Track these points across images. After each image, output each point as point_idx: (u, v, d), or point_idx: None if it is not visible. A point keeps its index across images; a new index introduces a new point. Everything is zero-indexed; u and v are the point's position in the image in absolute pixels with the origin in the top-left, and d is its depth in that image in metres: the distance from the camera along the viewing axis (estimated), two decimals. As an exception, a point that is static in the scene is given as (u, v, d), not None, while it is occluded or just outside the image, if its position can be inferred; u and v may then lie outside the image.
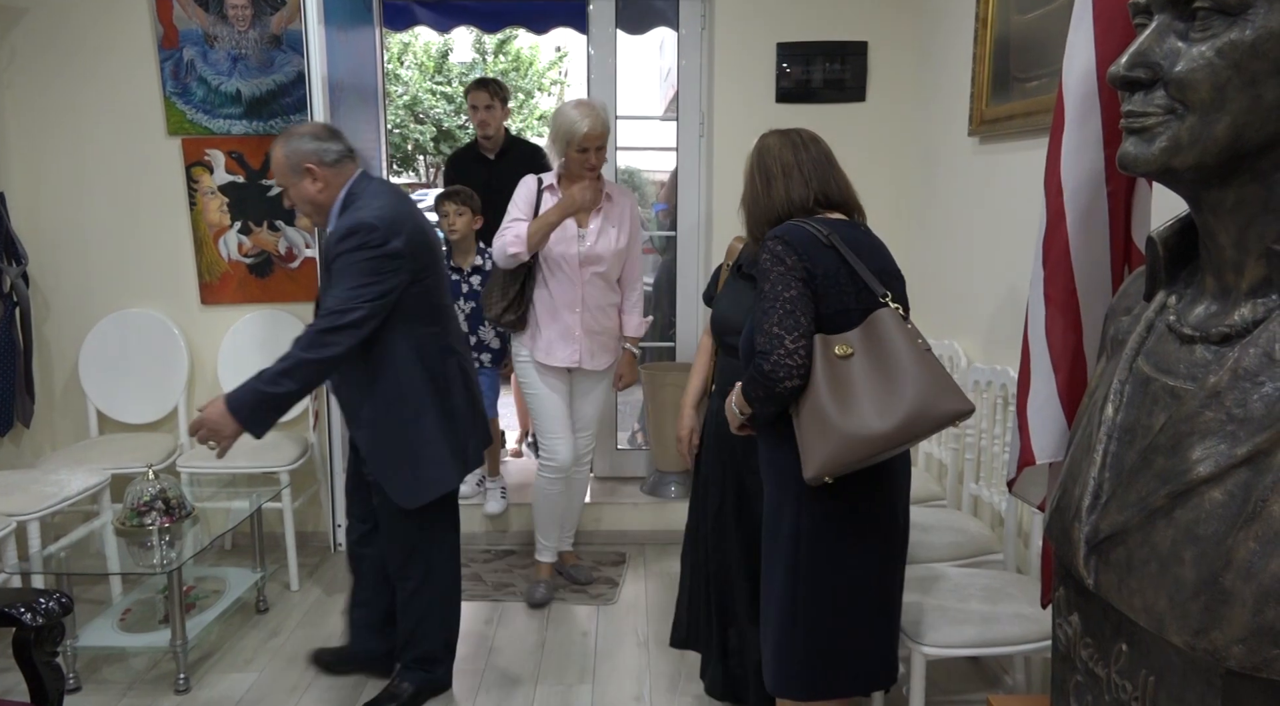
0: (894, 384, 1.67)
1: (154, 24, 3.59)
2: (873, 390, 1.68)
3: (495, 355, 3.74)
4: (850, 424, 1.66)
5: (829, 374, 1.70)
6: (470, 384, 2.59)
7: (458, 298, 3.61)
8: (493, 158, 4.06)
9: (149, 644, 2.78)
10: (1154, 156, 0.92)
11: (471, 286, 3.67)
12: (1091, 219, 1.58)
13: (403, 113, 15.08)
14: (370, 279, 2.27)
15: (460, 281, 3.64)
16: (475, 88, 4.04)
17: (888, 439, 1.66)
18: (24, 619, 1.82)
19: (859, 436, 1.66)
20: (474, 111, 4.02)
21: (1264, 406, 0.85)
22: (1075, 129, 1.56)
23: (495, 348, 3.72)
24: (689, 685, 2.73)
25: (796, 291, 1.74)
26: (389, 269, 2.29)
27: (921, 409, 1.65)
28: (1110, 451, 1.01)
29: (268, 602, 3.23)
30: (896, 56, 3.60)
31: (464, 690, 2.74)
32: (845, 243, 1.81)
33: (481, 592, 3.36)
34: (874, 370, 1.70)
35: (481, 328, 3.66)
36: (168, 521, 2.74)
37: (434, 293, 2.46)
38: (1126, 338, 1.06)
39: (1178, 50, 0.89)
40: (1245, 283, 0.93)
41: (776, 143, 1.99)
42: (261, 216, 3.75)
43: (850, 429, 1.66)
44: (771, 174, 1.96)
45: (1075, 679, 1.09)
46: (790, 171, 1.94)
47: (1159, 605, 0.91)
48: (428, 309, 2.44)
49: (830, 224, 1.86)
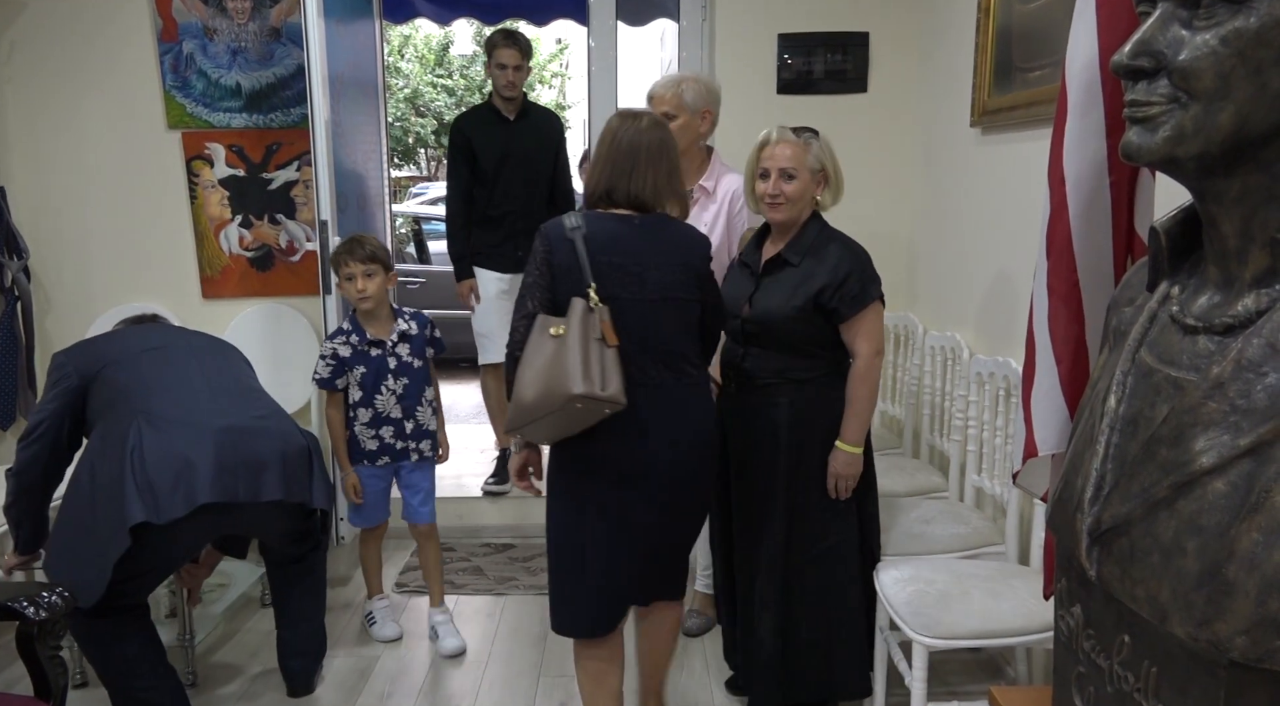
0: (552, 362, 1.94)
1: (153, 17, 3.58)
2: (542, 365, 1.96)
3: (433, 437, 2.97)
4: (516, 392, 1.99)
5: (534, 349, 1.99)
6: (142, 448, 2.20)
7: (384, 377, 2.84)
8: (512, 119, 3.74)
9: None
10: (1157, 146, 0.91)
11: (400, 359, 2.88)
12: (1094, 209, 1.57)
13: (403, 106, 15.04)
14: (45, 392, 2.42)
15: (384, 356, 2.85)
16: (505, 43, 3.63)
17: (528, 409, 1.96)
18: (27, 613, 1.82)
19: (515, 402, 1.99)
20: (501, 70, 3.63)
21: (1267, 397, 0.85)
22: (1078, 119, 1.55)
23: (431, 429, 2.97)
24: (689, 677, 2.74)
25: (533, 278, 2.06)
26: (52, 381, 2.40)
27: (549, 386, 1.93)
28: (1113, 443, 1.00)
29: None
30: (898, 47, 3.59)
31: (467, 683, 2.74)
32: (595, 236, 2.03)
33: (485, 586, 3.37)
34: (567, 349, 1.94)
35: (419, 409, 2.90)
36: None
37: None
38: (1129, 328, 1.05)
39: (1181, 39, 0.89)
40: (1249, 273, 0.93)
41: (609, 128, 2.14)
42: (262, 210, 3.75)
43: (515, 395, 2.00)
44: (595, 157, 2.17)
45: (1078, 670, 1.09)
46: (596, 162, 2.14)
47: (1162, 596, 0.90)
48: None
49: (594, 217, 2.09)
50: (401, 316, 2.91)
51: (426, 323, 2.94)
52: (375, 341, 2.83)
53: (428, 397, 2.93)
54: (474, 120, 3.80)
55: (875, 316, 2.28)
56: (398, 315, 2.91)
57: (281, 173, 3.74)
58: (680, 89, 2.74)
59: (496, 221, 3.74)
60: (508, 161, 3.66)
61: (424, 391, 2.92)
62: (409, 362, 2.88)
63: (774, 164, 2.27)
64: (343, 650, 2.92)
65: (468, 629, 3.05)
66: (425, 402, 2.92)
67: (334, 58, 3.37)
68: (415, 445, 2.91)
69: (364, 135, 3.81)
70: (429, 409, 2.94)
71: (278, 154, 3.72)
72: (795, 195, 2.27)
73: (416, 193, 11.71)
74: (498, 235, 3.75)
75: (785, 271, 2.30)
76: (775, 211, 2.30)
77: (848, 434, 2.28)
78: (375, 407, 2.84)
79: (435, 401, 2.98)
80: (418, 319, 2.94)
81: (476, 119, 3.80)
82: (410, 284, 6.39)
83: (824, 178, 2.31)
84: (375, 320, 2.85)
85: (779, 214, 2.29)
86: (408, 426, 2.89)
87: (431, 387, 2.95)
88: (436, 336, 2.95)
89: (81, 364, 2.38)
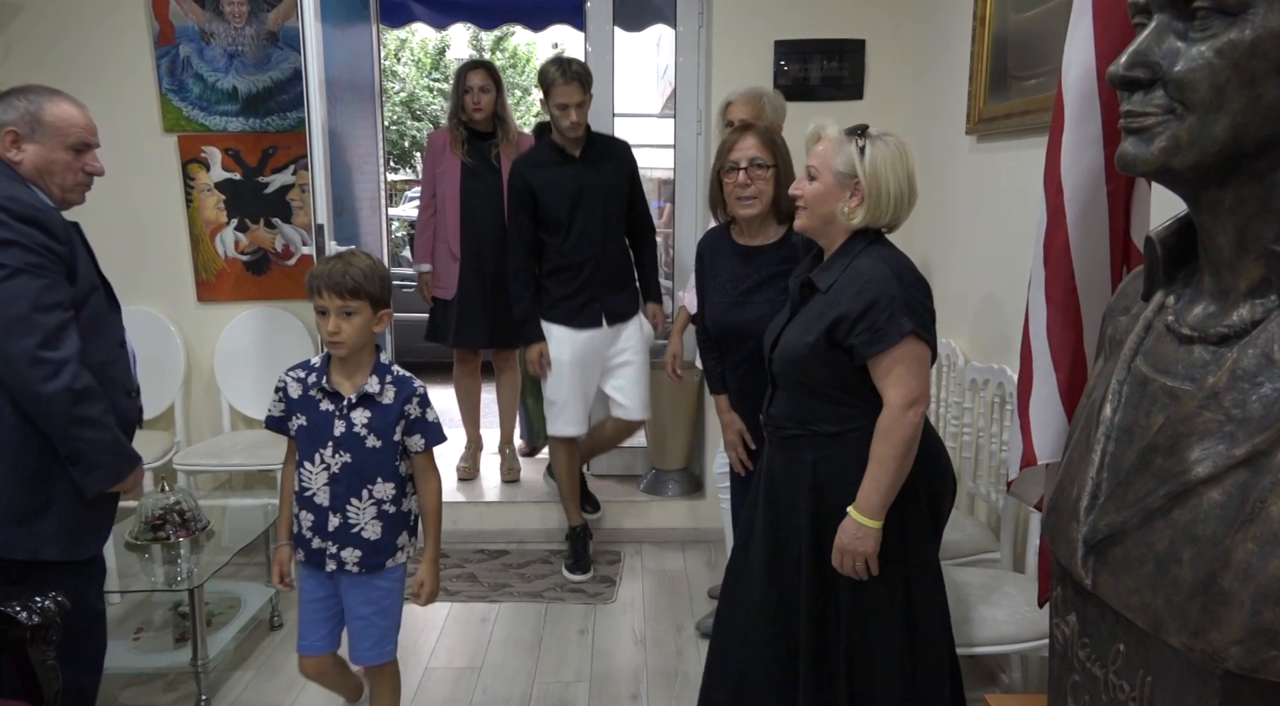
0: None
1: (150, 20, 3.58)
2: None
3: (371, 550, 2.10)
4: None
5: None
6: None
7: (320, 443, 2.07)
8: (578, 156, 3.31)
9: (169, 664, 2.70)
10: (1153, 156, 0.91)
11: (350, 427, 2.07)
12: (1091, 218, 1.58)
13: (399, 110, 15.04)
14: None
15: (333, 415, 2.07)
16: (563, 80, 3.18)
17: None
18: (20, 617, 1.82)
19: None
20: (563, 111, 3.20)
21: (1262, 407, 0.85)
22: (1075, 128, 1.56)
23: (369, 538, 2.09)
24: (685, 684, 2.73)
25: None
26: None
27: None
28: (1108, 452, 1.01)
29: (281, 618, 3.13)
30: (894, 54, 3.60)
31: (462, 689, 2.74)
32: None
33: (478, 593, 3.36)
34: None
35: (353, 506, 2.08)
36: (183, 535, 2.65)
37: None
38: (1125, 337, 1.05)
39: (1177, 50, 0.89)
40: (1244, 283, 0.93)
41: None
42: (258, 213, 3.74)
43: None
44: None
45: (1073, 678, 1.09)
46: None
47: (1157, 605, 0.91)
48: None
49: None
50: (384, 373, 2.10)
51: (412, 394, 2.10)
52: (332, 392, 2.08)
53: (378, 496, 2.08)
54: (533, 163, 3.34)
55: (910, 357, 1.79)
56: (377, 370, 2.10)
57: (278, 176, 3.73)
58: (763, 102, 2.91)
59: (571, 272, 3.30)
60: (581, 203, 3.27)
61: (371, 485, 2.08)
62: (360, 437, 2.06)
63: (808, 161, 1.91)
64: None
65: (461, 636, 3.04)
66: (369, 501, 2.08)
67: (330, 61, 3.37)
68: (336, 551, 2.08)
69: (360, 139, 3.80)
70: (372, 510, 2.08)
71: (274, 157, 3.72)
72: (811, 198, 1.89)
73: (412, 196, 11.70)
74: (571, 286, 3.31)
75: (815, 299, 1.91)
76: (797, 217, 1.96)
77: (861, 499, 1.81)
78: (302, 480, 2.11)
79: (402, 505, 2.14)
80: (401, 385, 2.10)
81: (536, 161, 3.35)
82: (405, 288, 6.38)
83: (858, 187, 1.85)
84: (345, 366, 2.10)
85: (797, 219, 1.95)
86: (330, 521, 2.08)
87: (391, 485, 2.10)
88: (426, 418, 2.12)
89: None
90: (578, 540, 3.52)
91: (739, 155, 2.45)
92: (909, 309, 1.78)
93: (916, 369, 1.81)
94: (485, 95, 3.75)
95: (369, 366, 2.11)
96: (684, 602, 3.29)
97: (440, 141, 3.87)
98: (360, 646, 2.19)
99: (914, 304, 1.80)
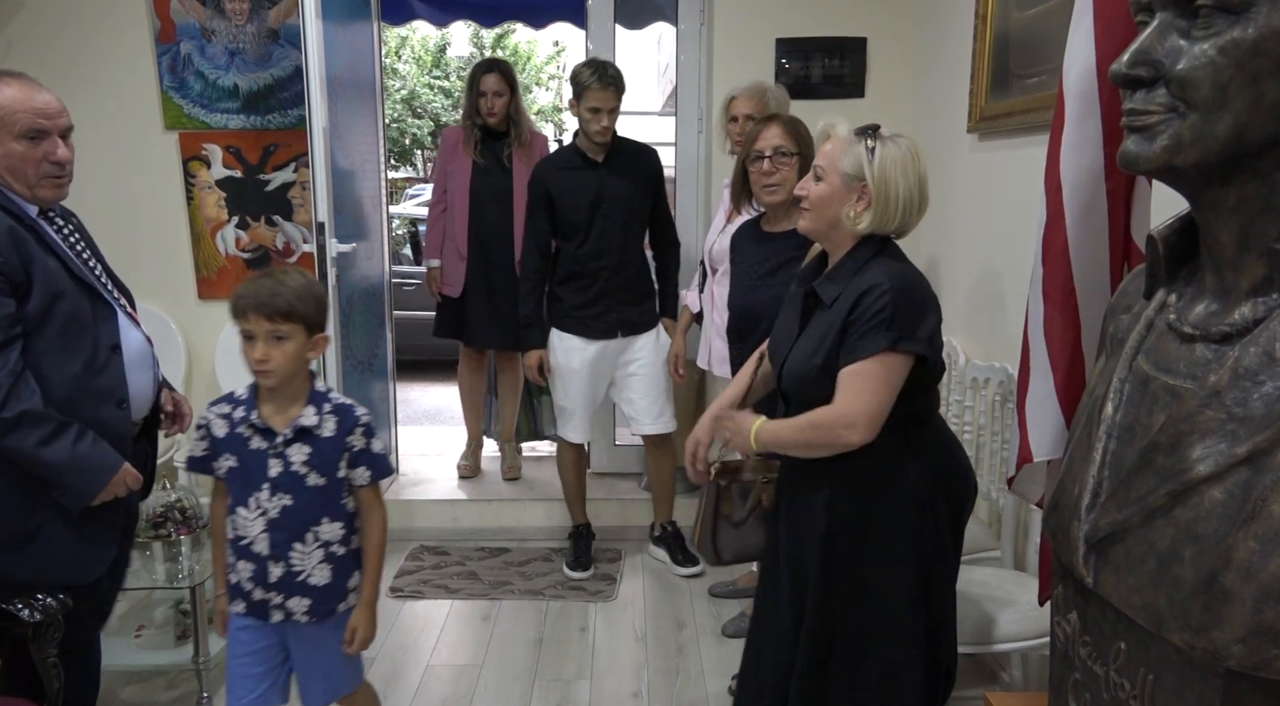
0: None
1: (151, 18, 3.58)
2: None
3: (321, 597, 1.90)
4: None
5: None
6: None
7: (254, 485, 1.85)
8: (601, 161, 3.25)
9: (170, 661, 2.69)
10: (1155, 155, 0.91)
11: (287, 465, 1.85)
12: (1091, 216, 1.58)
13: (400, 107, 15.05)
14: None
15: (265, 453, 1.85)
16: (598, 85, 3.12)
17: None
18: (21, 615, 1.82)
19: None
20: (594, 114, 3.15)
21: (1264, 405, 0.85)
22: (1075, 126, 1.56)
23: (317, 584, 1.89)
24: (686, 681, 2.73)
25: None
26: None
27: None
28: (1109, 450, 1.01)
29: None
30: (896, 52, 3.59)
31: (461, 688, 2.74)
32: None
33: (479, 590, 3.36)
34: None
35: (296, 552, 1.86)
36: (184, 532, 2.64)
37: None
38: (1126, 336, 1.05)
39: (1179, 48, 0.89)
40: (1246, 281, 0.93)
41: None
42: (259, 211, 3.74)
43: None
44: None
45: (1074, 677, 1.09)
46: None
47: (1158, 604, 0.91)
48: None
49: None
50: (320, 402, 1.88)
51: (355, 425, 1.88)
52: (263, 428, 1.85)
53: (325, 538, 1.87)
54: (555, 165, 3.32)
55: (880, 371, 1.68)
56: (313, 400, 1.88)
57: (279, 174, 3.73)
58: (767, 97, 2.92)
59: (586, 279, 3.26)
60: (600, 209, 3.21)
61: (316, 527, 1.86)
62: (300, 476, 1.84)
63: (816, 160, 1.84)
64: (337, 653, 2.91)
65: (462, 633, 3.05)
66: (315, 545, 1.87)
67: (332, 59, 3.37)
68: (282, 601, 1.88)
69: (361, 137, 3.80)
70: (319, 554, 1.87)
71: (275, 155, 3.72)
72: (816, 200, 1.80)
73: (413, 194, 11.70)
74: (586, 295, 3.26)
75: (819, 312, 1.82)
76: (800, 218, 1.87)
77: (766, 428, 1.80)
78: (236, 527, 1.88)
79: (352, 543, 1.93)
80: (342, 414, 1.88)
81: (558, 164, 3.32)
82: (406, 286, 6.39)
83: (865, 190, 1.75)
84: (276, 397, 1.87)
85: (801, 220, 1.86)
86: (272, 572, 1.86)
87: (338, 524, 1.89)
88: (372, 450, 1.90)
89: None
90: (580, 539, 3.53)
91: (764, 144, 2.51)
92: (890, 324, 1.67)
93: (878, 388, 1.69)
94: (500, 99, 3.75)
95: (304, 396, 1.88)
96: (685, 600, 3.29)
97: (454, 137, 3.87)
98: (312, 695, 1.98)
99: (902, 317, 1.68)
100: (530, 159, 3.77)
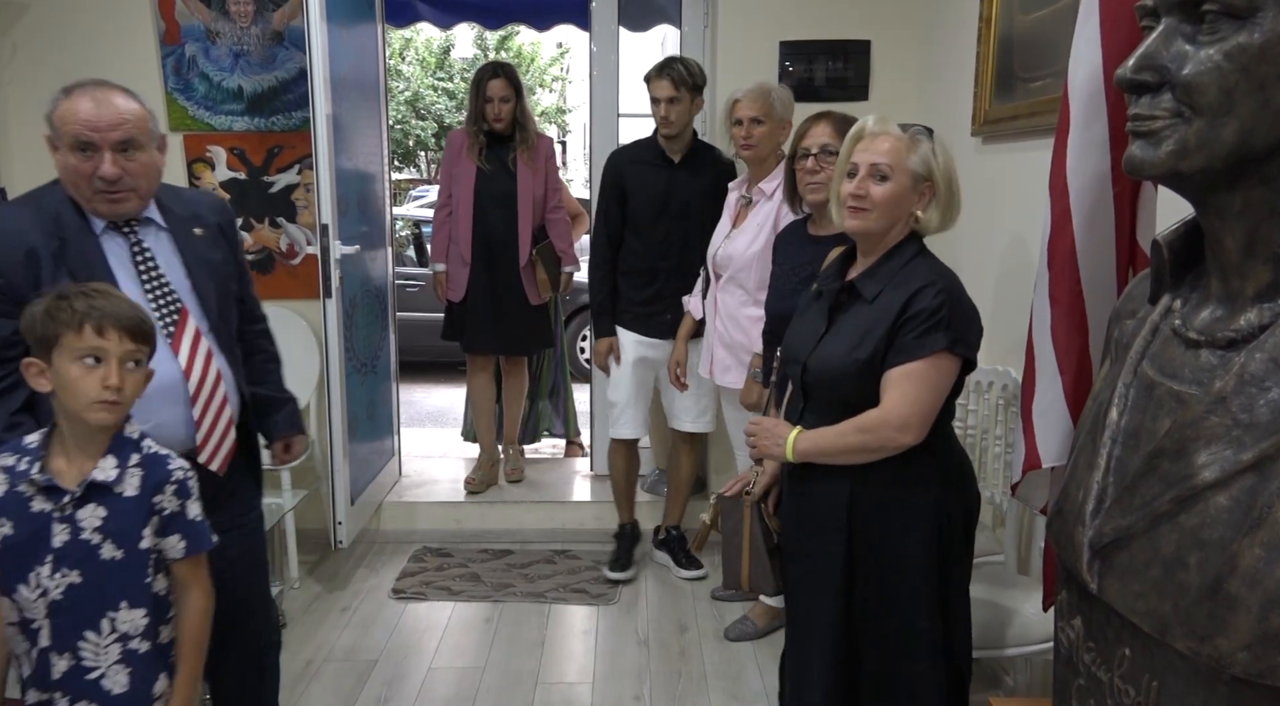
0: None
1: (156, 20, 3.58)
2: None
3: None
4: None
5: None
6: None
7: (35, 558, 1.46)
8: (676, 161, 3.23)
9: None
10: (1161, 160, 0.91)
11: (77, 533, 1.47)
12: (1097, 221, 1.58)
13: (404, 109, 15.07)
14: None
15: (49, 516, 1.47)
16: (656, 74, 3.16)
17: None
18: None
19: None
20: (655, 105, 3.17)
21: (1270, 412, 0.85)
22: (1081, 131, 1.56)
23: (111, 691, 1.50)
24: (689, 684, 2.73)
25: None
26: None
27: None
28: (1114, 455, 1.00)
29: (284, 617, 3.06)
30: (900, 55, 3.59)
31: (465, 689, 2.74)
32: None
33: (482, 593, 3.36)
34: None
35: (88, 642, 1.47)
36: None
37: None
38: (1131, 341, 1.05)
39: (1185, 53, 0.89)
40: (1251, 287, 0.93)
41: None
42: (263, 213, 3.75)
43: None
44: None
45: (1077, 682, 1.09)
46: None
47: (1163, 610, 0.90)
48: None
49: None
50: (126, 452, 1.50)
51: (164, 480, 1.51)
52: (48, 485, 1.45)
53: (122, 629, 1.48)
54: (630, 157, 3.31)
55: (933, 373, 1.69)
56: (116, 448, 1.49)
57: (283, 176, 3.73)
58: (770, 98, 2.89)
59: (646, 277, 3.27)
60: (666, 210, 3.20)
61: (112, 612, 1.47)
62: (93, 546, 1.45)
63: (865, 158, 1.77)
64: (338, 656, 2.91)
65: (464, 636, 3.05)
66: (111, 637, 1.47)
67: (336, 61, 3.37)
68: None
69: (365, 138, 3.80)
70: (115, 650, 1.47)
71: (279, 157, 3.72)
72: (884, 200, 1.75)
73: (416, 196, 11.71)
74: (645, 293, 3.28)
75: (857, 307, 1.79)
76: (854, 218, 1.79)
77: (805, 439, 1.78)
78: (19, 606, 1.47)
79: (160, 637, 1.53)
80: (151, 467, 1.51)
81: (634, 157, 3.31)
82: (409, 288, 6.39)
83: (930, 189, 1.78)
84: (73, 443, 1.47)
85: (856, 220, 1.79)
86: (55, 666, 1.46)
87: (140, 611, 1.50)
88: (187, 514, 1.54)
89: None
90: (624, 538, 3.54)
91: (810, 142, 2.45)
92: (946, 325, 1.68)
93: (931, 389, 1.69)
94: (505, 104, 3.72)
95: (104, 442, 1.48)
96: (687, 603, 3.29)
97: (459, 140, 3.85)
98: None
99: (955, 319, 1.70)
100: (535, 162, 3.77)
